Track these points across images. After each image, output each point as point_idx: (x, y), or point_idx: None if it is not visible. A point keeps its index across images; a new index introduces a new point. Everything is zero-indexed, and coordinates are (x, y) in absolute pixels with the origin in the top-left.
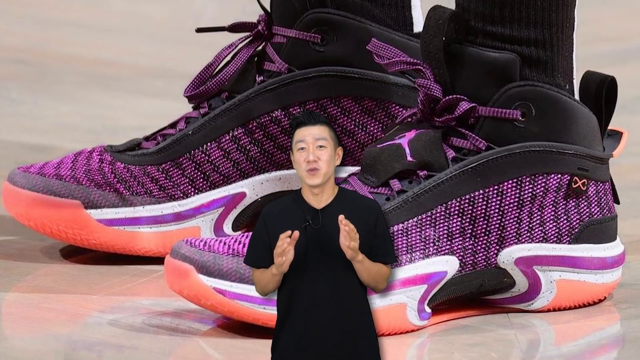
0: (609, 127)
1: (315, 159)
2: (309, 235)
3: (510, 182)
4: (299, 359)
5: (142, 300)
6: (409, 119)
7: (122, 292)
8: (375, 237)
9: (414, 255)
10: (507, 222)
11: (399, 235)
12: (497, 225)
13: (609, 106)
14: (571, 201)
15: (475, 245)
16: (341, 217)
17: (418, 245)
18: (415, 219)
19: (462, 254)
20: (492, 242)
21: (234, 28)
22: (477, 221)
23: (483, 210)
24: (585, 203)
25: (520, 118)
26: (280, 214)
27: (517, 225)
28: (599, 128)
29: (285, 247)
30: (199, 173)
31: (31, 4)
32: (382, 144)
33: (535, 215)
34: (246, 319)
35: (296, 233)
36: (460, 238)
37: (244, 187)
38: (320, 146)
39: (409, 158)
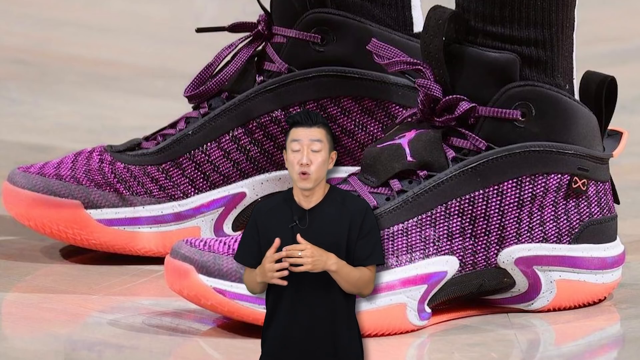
0: (609, 127)
1: (308, 163)
2: (296, 235)
3: (510, 182)
4: (284, 357)
5: (142, 300)
6: (409, 119)
7: (122, 292)
8: (359, 236)
9: (414, 255)
10: (507, 222)
11: (399, 235)
12: (497, 225)
13: (609, 106)
14: (571, 201)
15: (475, 245)
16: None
17: (418, 245)
18: (415, 219)
19: (462, 254)
20: (492, 242)
21: (234, 28)
22: (477, 221)
23: (483, 210)
24: (585, 203)
25: (520, 118)
26: (270, 213)
27: (517, 225)
28: (599, 128)
29: (276, 268)
30: (199, 173)
31: (31, 4)
32: (382, 144)
33: (535, 215)
34: (246, 319)
35: (277, 241)
36: (460, 238)
37: (244, 187)
38: (315, 150)
39: (409, 158)
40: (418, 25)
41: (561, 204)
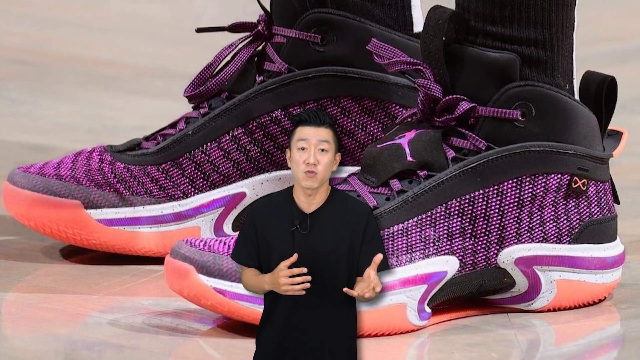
0: (609, 127)
1: (315, 162)
2: (296, 239)
3: (510, 182)
4: (277, 357)
5: (142, 300)
6: (409, 119)
7: (122, 292)
8: (363, 242)
9: (414, 255)
10: (507, 222)
11: (399, 235)
12: (497, 225)
13: (609, 106)
14: (571, 201)
15: (475, 245)
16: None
17: (418, 245)
18: (415, 219)
19: (462, 254)
20: (492, 242)
21: (234, 28)
22: (477, 221)
23: (483, 210)
24: (585, 203)
25: (520, 118)
26: (270, 214)
27: (517, 225)
28: (599, 128)
29: (289, 284)
30: (199, 173)
31: (31, 4)
32: (382, 144)
33: (535, 215)
34: (246, 319)
35: (293, 258)
36: (460, 238)
37: (244, 187)
38: (322, 149)
39: (409, 158)
40: (418, 25)
41: (561, 204)
